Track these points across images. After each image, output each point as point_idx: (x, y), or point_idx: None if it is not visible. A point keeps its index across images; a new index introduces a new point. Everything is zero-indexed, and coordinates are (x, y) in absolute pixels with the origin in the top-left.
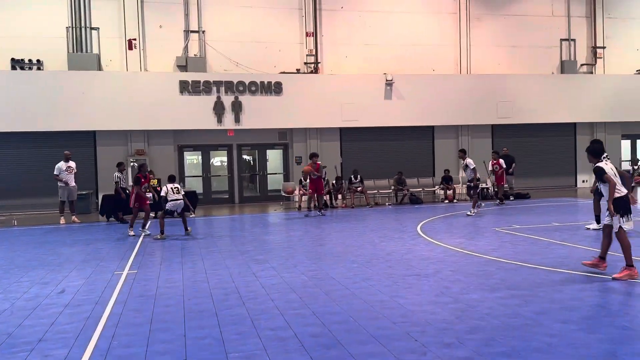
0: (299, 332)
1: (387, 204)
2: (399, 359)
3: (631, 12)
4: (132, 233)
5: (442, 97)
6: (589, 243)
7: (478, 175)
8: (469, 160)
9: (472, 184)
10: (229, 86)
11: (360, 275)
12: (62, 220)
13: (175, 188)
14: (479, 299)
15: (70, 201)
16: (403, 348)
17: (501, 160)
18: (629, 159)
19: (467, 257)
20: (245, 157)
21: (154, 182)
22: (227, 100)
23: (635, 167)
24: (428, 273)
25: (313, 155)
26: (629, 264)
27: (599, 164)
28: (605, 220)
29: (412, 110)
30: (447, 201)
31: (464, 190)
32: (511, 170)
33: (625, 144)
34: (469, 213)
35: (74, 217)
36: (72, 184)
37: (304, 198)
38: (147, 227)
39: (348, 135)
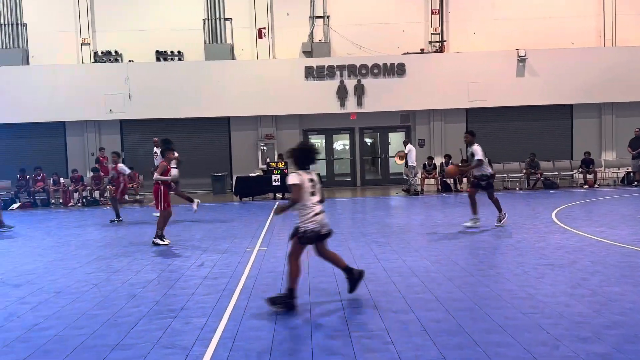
0: (421, 316)
1: (517, 188)
2: (528, 351)
3: None
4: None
5: (582, 73)
6: None
7: (489, 170)
8: (475, 148)
9: (482, 181)
10: (352, 70)
11: (487, 262)
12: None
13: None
14: (621, 292)
15: None
16: (533, 340)
17: None
18: None
19: (608, 247)
20: (367, 140)
21: (281, 165)
22: (350, 84)
23: None
24: (563, 263)
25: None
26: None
27: None
28: None
29: (548, 88)
30: (586, 186)
31: (607, 175)
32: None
33: None
34: (467, 224)
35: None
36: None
37: (426, 182)
38: None
39: (475, 116)
